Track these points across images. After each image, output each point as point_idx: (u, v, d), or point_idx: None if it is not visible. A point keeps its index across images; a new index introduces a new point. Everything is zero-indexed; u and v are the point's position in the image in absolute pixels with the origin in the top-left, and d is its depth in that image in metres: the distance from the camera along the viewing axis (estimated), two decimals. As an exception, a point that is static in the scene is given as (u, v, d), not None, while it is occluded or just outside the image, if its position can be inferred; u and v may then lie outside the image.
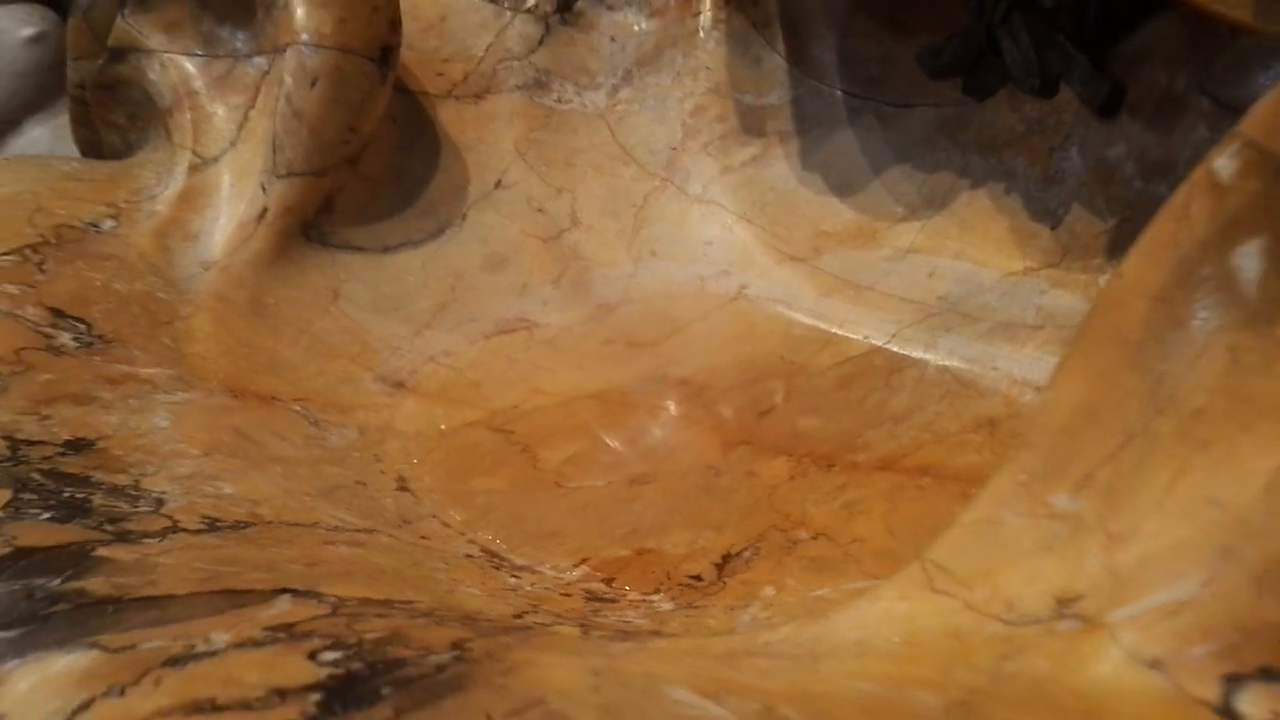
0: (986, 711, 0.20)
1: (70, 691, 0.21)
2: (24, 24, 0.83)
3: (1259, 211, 0.22)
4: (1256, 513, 0.21)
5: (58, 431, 0.38)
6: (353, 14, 0.59)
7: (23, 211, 0.53)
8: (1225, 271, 0.23)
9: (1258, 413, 0.22)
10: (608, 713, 0.19)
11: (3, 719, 0.20)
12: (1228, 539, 0.21)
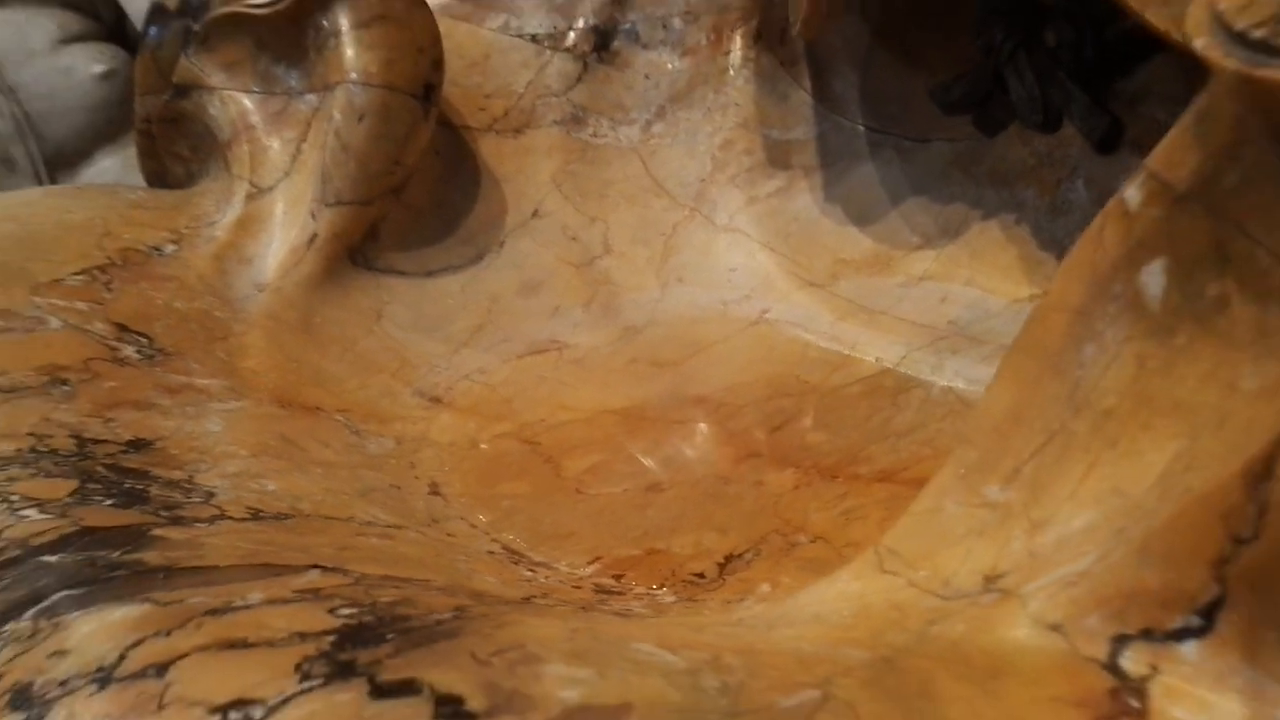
0: (905, 664, 0.23)
1: (124, 634, 0.24)
2: (95, 61, 0.89)
3: (1161, 236, 0.25)
4: (1149, 498, 0.24)
5: (120, 432, 0.42)
6: (399, 55, 0.63)
7: (92, 236, 0.58)
8: (1133, 289, 0.26)
9: (1157, 412, 0.25)
10: (576, 656, 0.23)
11: (69, 653, 0.24)
12: (1123, 522, 0.24)
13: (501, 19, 0.79)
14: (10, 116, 0.85)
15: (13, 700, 0.23)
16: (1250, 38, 0.21)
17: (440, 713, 0.20)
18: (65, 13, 0.87)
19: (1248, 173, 0.23)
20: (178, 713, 0.21)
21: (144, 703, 0.21)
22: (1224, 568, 0.21)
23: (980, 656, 0.24)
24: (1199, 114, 0.24)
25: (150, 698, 0.21)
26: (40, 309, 0.50)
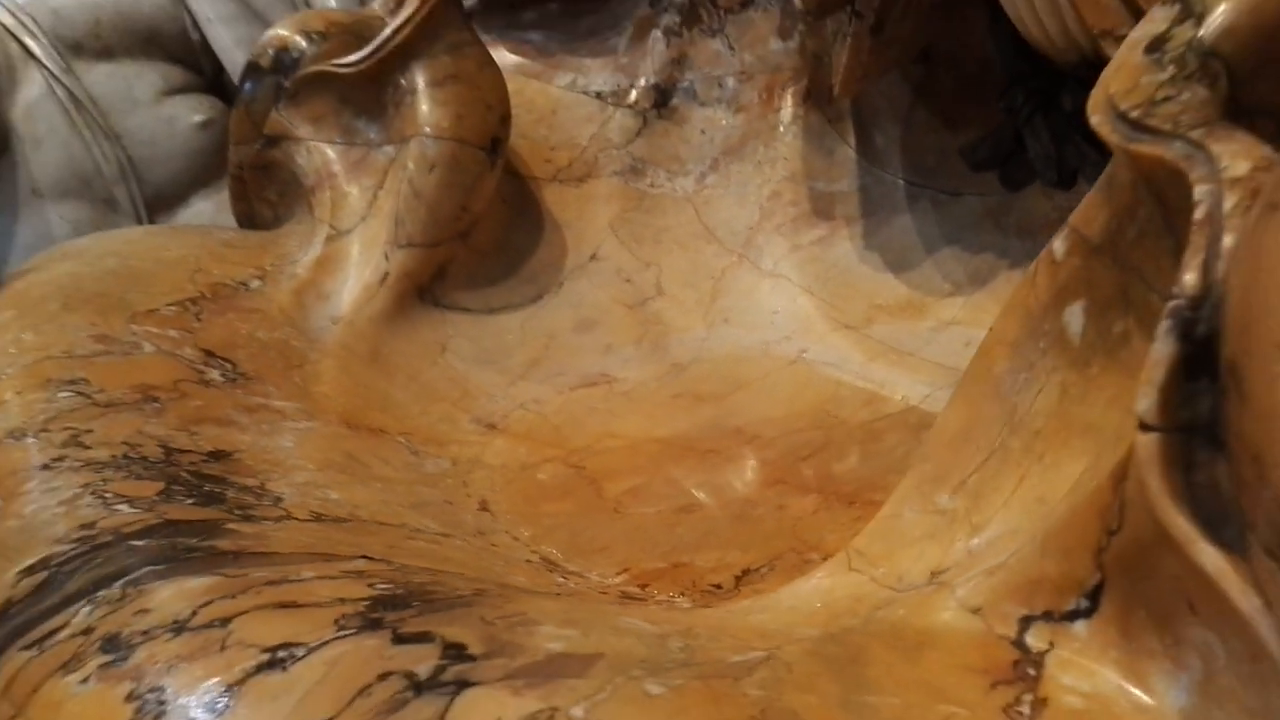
0: (847, 639, 0.27)
1: (196, 597, 0.29)
2: (195, 111, 0.96)
3: (1080, 281, 0.29)
4: (1061, 504, 0.28)
5: (202, 444, 0.48)
6: (468, 111, 0.69)
7: (185, 271, 0.64)
8: (1059, 326, 0.30)
9: (1074, 432, 0.29)
10: (567, 622, 0.27)
11: (150, 611, 0.29)
12: (1040, 524, 0.28)
13: (569, 77, 0.85)
14: (115, 161, 0.93)
15: (103, 646, 0.28)
16: (1129, 117, 0.26)
17: (447, 654, 0.24)
18: (169, 66, 0.95)
19: (1142, 228, 0.27)
20: (236, 652, 0.26)
21: (209, 645, 0.26)
22: (1102, 556, 0.25)
23: (912, 634, 0.28)
24: (1107, 179, 0.28)
25: (215, 642, 0.26)
26: (136, 335, 0.56)
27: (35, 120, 0.92)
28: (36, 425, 0.46)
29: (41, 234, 0.91)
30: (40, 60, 0.92)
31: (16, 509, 0.40)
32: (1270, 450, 0.19)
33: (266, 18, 0.94)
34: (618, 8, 0.86)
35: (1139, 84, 0.26)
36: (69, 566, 0.34)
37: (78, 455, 0.44)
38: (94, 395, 0.49)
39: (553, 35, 0.88)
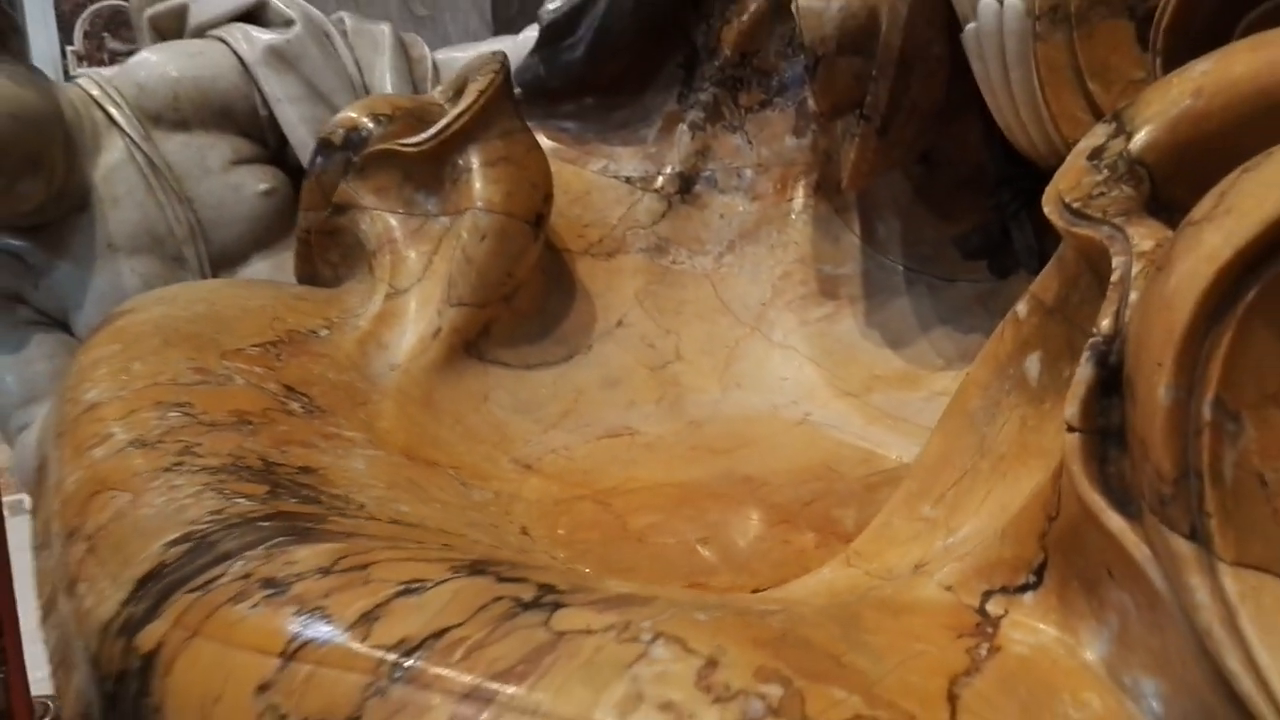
0: (848, 606, 0.35)
1: (333, 553, 0.37)
2: (260, 180, 1.05)
3: (1037, 336, 0.37)
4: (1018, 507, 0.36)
5: (293, 460, 0.56)
6: (517, 189, 0.78)
7: (265, 318, 0.72)
8: (1020, 371, 0.38)
9: (1031, 455, 0.37)
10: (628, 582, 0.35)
11: (296, 562, 0.36)
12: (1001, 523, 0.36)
13: (602, 163, 0.95)
14: (185, 222, 1.01)
15: (263, 585, 0.35)
16: (1072, 207, 0.34)
17: (541, 590, 0.32)
18: (238, 139, 1.04)
19: (1084, 294, 0.35)
20: (377, 585, 0.33)
21: (354, 582, 0.34)
22: (1045, 539, 0.32)
23: (897, 603, 0.35)
24: (1058, 256, 0.36)
25: (358, 580, 0.34)
26: (228, 370, 0.64)
27: (114, 182, 1.01)
28: (154, 438, 0.54)
29: (114, 284, 1.00)
30: (122, 128, 1.01)
31: (148, 500, 0.48)
32: (1150, 436, 0.27)
33: (330, 100, 1.03)
34: (649, 103, 0.96)
35: (1081, 183, 0.35)
36: (211, 538, 0.41)
37: (193, 462, 0.51)
38: (199, 416, 0.57)
39: (588, 126, 0.97)
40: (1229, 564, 0.26)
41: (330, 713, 0.29)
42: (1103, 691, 0.30)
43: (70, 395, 0.61)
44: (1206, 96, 0.34)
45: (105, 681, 0.39)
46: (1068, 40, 0.61)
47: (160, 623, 0.36)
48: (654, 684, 0.27)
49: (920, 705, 0.28)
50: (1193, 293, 0.26)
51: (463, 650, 0.29)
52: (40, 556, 0.58)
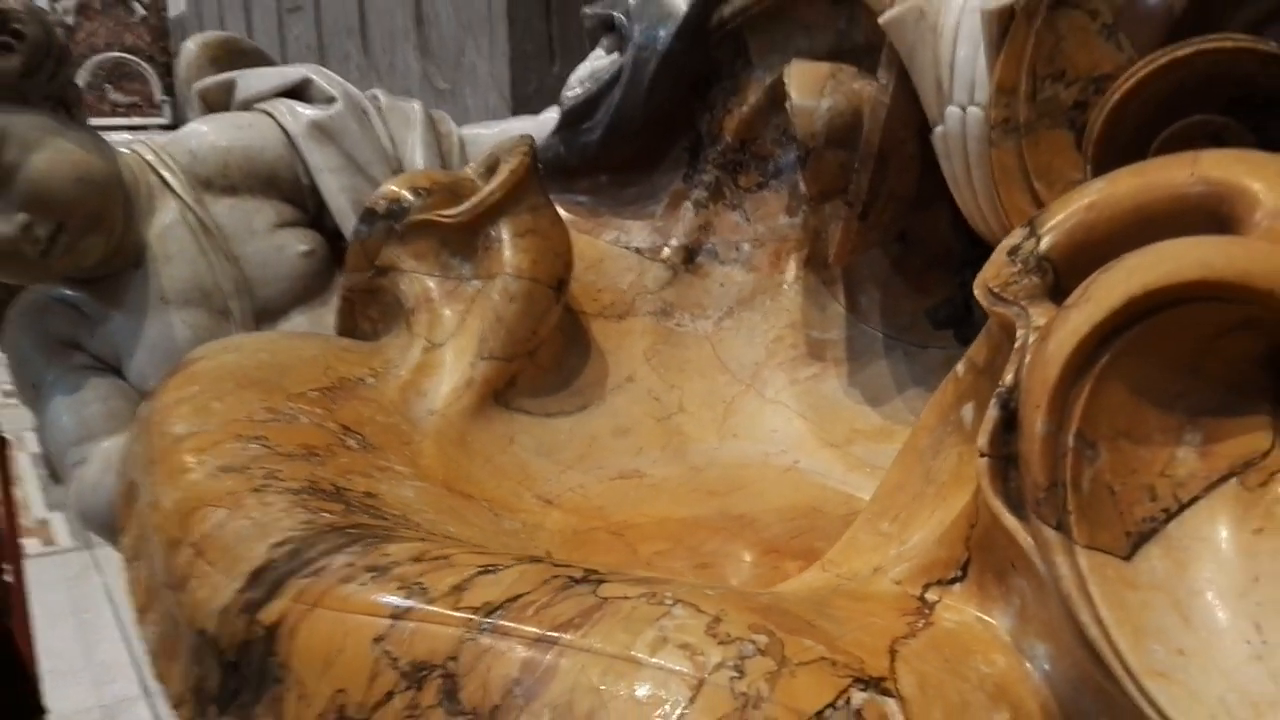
0: (817, 594, 0.45)
1: (417, 549, 0.47)
2: (301, 242, 1.16)
3: (971, 390, 0.48)
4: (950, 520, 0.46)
5: (356, 487, 0.66)
6: (542, 258, 0.89)
7: (320, 367, 0.83)
8: (958, 418, 0.48)
9: (964, 482, 0.47)
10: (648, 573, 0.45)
11: (390, 554, 0.46)
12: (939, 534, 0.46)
13: (614, 234, 1.05)
14: (232, 279, 1.11)
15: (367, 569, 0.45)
16: (993, 292, 0.44)
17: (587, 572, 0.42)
18: (282, 204, 1.15)
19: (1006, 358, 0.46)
20: (460, 568, 0.43)
21: (441, 566, 0.44)
22: (969, 542, 0.43)
23: (858, 593, 0.45)
24: (986, 328, 0.47)
25: (442, 565, 0.44)
26: (293, 410, 0.74)
27: (167, 240, 1.11)
28: (239, 465, 0.64)
29: (164, 335, 1.10)
30: (176, 191, 1.12)
31: (244, 514, 0.57)
32: (1030, 458, 0.37)
33: (366, 170, 1.14)
34: (657, 182, 1.07)
35: (1001, 273, 0.45)
36: (309, 541, 0.51)
37: (277, 485, 0.61)
38: (274, 448, 0.67)
39: (602, 200, 1.08)
40: (1083, 547, 0.36)
41: (433, 655, 0.39)
42: (1007, 653, 0.40)
43: (158, 429, 0.71)
44: (1097, 210, 0.45)
45: (226, 653, 0.49)
46: (1017, 147, 0.73)
47: (280, 601, 0.46)
48: (675, 632, 0.37)
49: (868, 654, 0.38)
50: (1061, 356, 0.36)
51: (532, 610, 0.39)
52: (132, 567, 0.68)
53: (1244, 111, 0.67)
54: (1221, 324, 0.38)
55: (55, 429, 1.10)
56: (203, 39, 1.23)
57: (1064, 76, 0.72)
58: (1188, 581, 0.36)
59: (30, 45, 0.99)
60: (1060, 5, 0.71)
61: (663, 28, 1.01)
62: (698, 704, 0.35)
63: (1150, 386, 0.38)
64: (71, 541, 3.51)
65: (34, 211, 1.00)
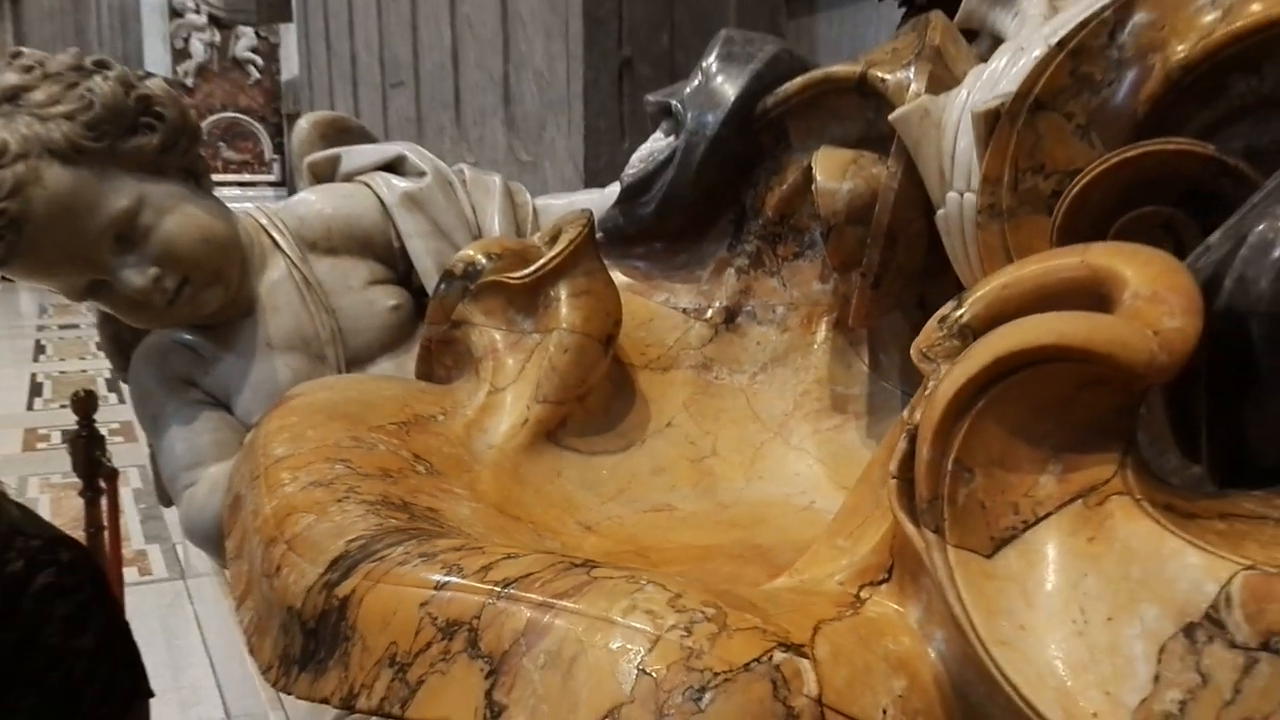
0: (774, 591, 0.56)
1: (453, 544, 0.59)
2: (389, 298, 1.30)
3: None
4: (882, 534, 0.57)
5: (421, 502, 0.78)
6: (594, 315, 1.01)
7: (398, 404, 0.96)
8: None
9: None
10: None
11: (439, 544, 0.58)
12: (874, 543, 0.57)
13: (664, 296, 1.18)
14: (329, 329, 1.26)
15: (419, 555, 0.58)
16: (923, 351, 0.56)
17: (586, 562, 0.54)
18: (375, 264, 1.30)
19: (931, 404, 0.57)
20: (489, 555, 0.55)
21: (475, 554, 0.56)
22: (892, 550, 0.54)
23: (807, 591, 0.56)
24: (923, 382, 0.58)
25: (477, 552, 0.56)
26: (373, 439, 0.88)
27: (275, 293, 1.27)
28: (326, 481, 0.77)
29: (269, 376, 1.25)
30: (284, 251, 1.27)
31: (329, 518, 0.70)
32: (920, 477, 0.48)
33: (450, 236, 1.29)
34: (704, 250, 1.19)
35: (930, 337, 0.56)
36: (377, 538, 0.64)
37: (356, 498, 0.74)
38: (355, 469, 0.80)
39: (655, 266, 1.21)
40: (953, 546, 0.47)
41: (462, 615, 0.51)
42: (912, 636, 0.51)
43: (261, 451, 0.85)
44: (1009, 289, 0.56)
45: (308, 622, 0.61)
46: (1001, 230, 0.83)
47: (352, 579, 0.59)
48: (644, 602, 0.48)
49: (795, 628, 0.49)
50: (943, 400, 0.48)
51: (538, 584, 0.51)
52: (234, 564, 0.82)
53: (1193, 204, 0.77)
54: (1078, 380, 0.49)
55: (170, 455, 1.25)
56: (314, 118, 1.40)
57: (1043, 169, 0.83)
58: (1034, 576, 0.46)
59: (168, 126, 1.16)
60: (1040, 108, 0.82)
61: (712, 114, 1.14)
62: (654, 653, 0.46)
63: (1022, 426, 0.49)
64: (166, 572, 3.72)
65: (164, 266, 1.16)
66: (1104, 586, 0.45)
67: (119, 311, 1.22)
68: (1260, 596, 0.41)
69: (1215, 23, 0.77)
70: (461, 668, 0.50)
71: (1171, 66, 0.78)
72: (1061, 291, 0.55)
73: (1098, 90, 0.80)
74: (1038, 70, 0.82)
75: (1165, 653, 0.43)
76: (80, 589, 1.12)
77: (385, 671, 0.53)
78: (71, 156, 1.11)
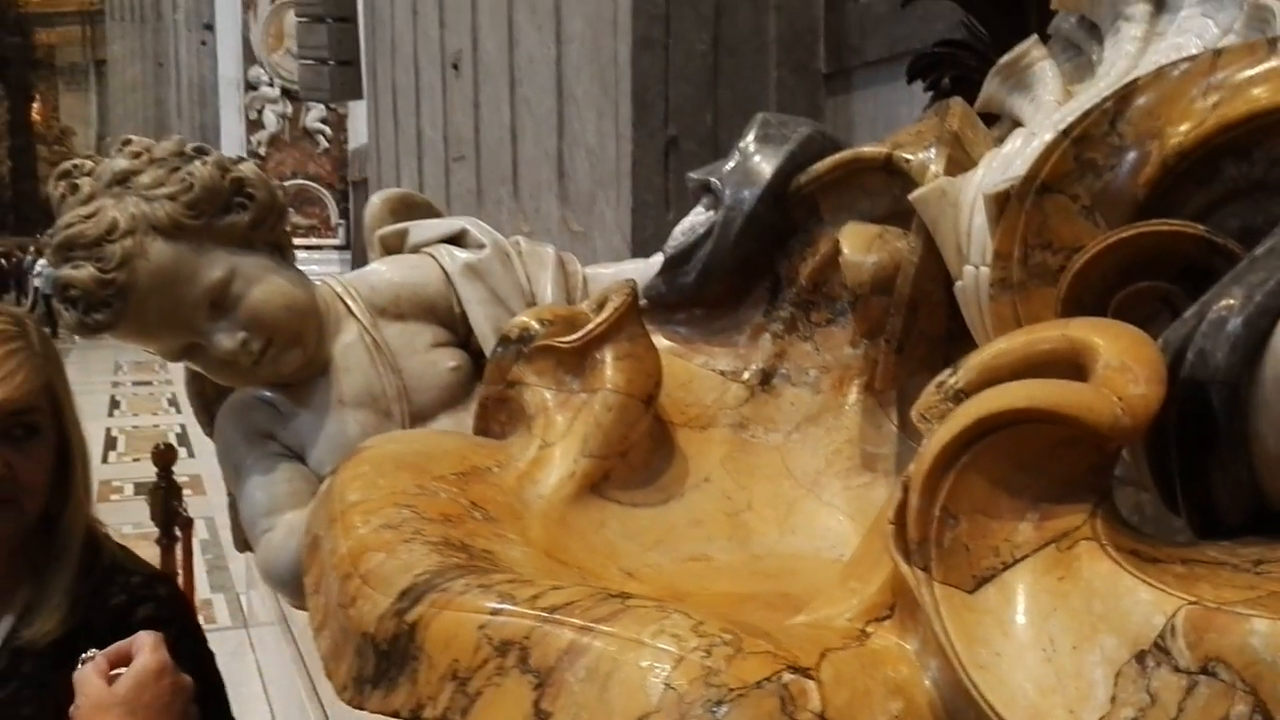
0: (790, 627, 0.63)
1: (506, 577, 0.67)
2: (450, 360, 1.40)
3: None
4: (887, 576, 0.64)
5: (478, 545, 0.86)
6: (636, 376, 1.09)
7: (458, 457, 1.05)
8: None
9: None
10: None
11: (494, 579, 0.66)
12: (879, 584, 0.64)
13: (703, 359, 1.26)
14: (396, 387, 1.36)
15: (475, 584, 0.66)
16: (922, 413, 0.63)
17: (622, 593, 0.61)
18: (438, 328, 1.40)
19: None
20: (537, 587, 0.63)
21: (525, 585, 0.64)
22: (894, 590, 0.61)
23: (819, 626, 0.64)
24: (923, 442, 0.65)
25: (527, 584, 0.64)
26: (436, 488, 0.96)
27: (348, 355, 1.37)
28: (395, 524, 0.86)
29: (340, 430, 1.35)
30: (357, 316, 1.38)
31: (397, 556, 0.79)
32: (911, 522, 0.55)
33: (507, 304, 1.38)
34: (741, 316, 1.27)
35: (929, 400, 0.64)
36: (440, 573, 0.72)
37: (421, 539, 0.83)
38: (421, 514, 0.89)
39: (695, 331, 1.29)
40: (939, 583, 0.54)
41: (514, 636, 0.59)
42: (911, 666, 0.58)
43: (338, 497, 0.94)
44: (998, 358, 0.63)
45: (381, 645, 0.70)
46: (1012, 301, 0.91)
47: (420, 607, 0.67)
48: (670, 627, 0.56)
49: (803, 654, 0.56)
50: (930, 456, 0.55)
51: (579, 610, 0.59)
52: (313, 598, 0.90)
53: (1188, 280, 0.84)
54: (1053, 440, 0.56)
55: (250, 502, 1.35)
56: (384, 195, 1.51)
57: (1050, 246, 0.90)
58: (1010, 609, 0.53)
59: (259, 205, 1.28)
60: (1046, 190, 0.90)
61: (749, 191, 1.23)
62: (678, 670, 0.54)
63: (1003, 479, 0.56)
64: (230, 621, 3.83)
65: (251, 331, 1.27)
66: (1070, 619, 0.52)
67: (209, 371, 1.33)
68: (1200, 627, 0.48)
69: (1207, 112, 0.84)
70: (513, 681, 0.58)
71: (1168, 153, 0.85)
72: (1045, 361, 0.62)
73: (1100, 174, 0.88)
74: (1044, 155, 0.89)
75: (1121, 677, 0.50)
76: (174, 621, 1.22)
77: (448, 685, 0.61)
78: (173, 233, 1.22)
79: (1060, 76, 1.01)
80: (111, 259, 1.21)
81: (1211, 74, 0.81)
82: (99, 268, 1.22)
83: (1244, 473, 0.57)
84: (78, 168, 1.31)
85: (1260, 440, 0.57)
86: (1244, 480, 0.57)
